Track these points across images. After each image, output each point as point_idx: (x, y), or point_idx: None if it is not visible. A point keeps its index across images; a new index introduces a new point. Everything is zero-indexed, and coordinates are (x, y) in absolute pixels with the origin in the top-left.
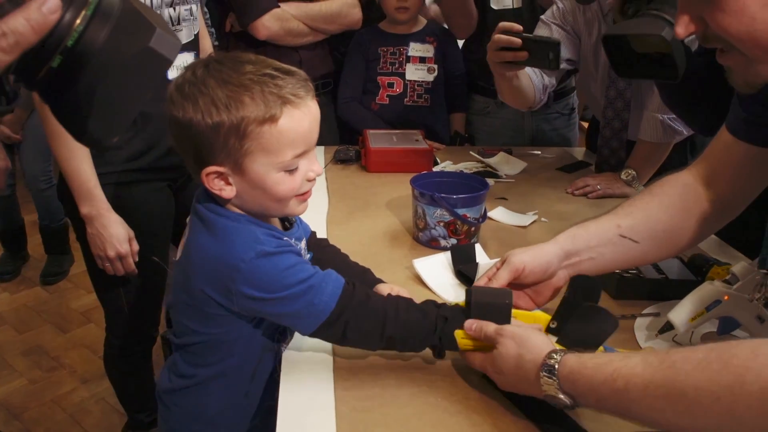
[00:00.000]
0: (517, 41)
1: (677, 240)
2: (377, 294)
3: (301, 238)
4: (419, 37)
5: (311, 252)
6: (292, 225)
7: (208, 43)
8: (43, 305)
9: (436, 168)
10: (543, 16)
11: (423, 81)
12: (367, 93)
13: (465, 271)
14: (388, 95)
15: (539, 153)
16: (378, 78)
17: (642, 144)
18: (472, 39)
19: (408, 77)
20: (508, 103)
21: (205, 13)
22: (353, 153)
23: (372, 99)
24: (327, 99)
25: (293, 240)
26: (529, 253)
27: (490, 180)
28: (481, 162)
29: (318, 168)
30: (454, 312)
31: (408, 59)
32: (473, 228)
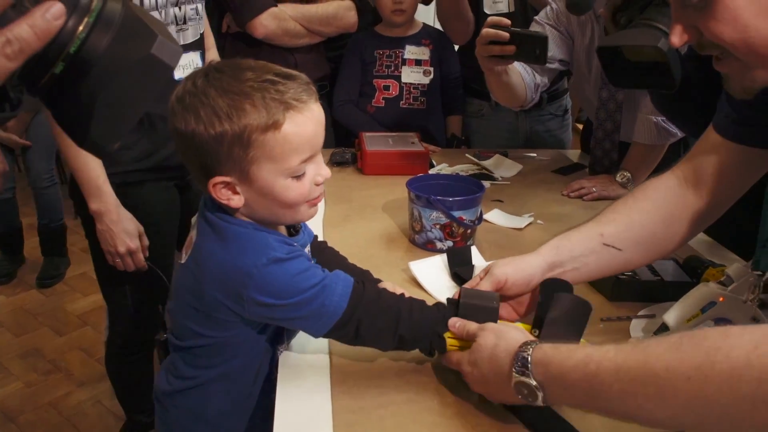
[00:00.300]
0: (505, 35)
1: (662, 244)
2: (388, 292)
3: (306, 244)
4: (415, 40)
5: (314, 257)
6: (298, 232)
7: (211, 41)
8: (40, 308)
9: (431, 170)
10: (537, 17)
11: (419, 84)
12: (364, 96)
13: (461, 274)
14: (384, 98)
15: (535, 155)
16: (374, 81)
17: (636, 146)
18: (466, 43)
19: (404, 80)
20: (499, 101)
21: None
22: (349, 155)
23: (368, 102)
24: (322, 102)
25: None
26: (512, 266)
27: (485, 182)
28: (477, 164)
29: (326, 171)
30: (446, 313)
31: (404, 62)
32: (469, 230)
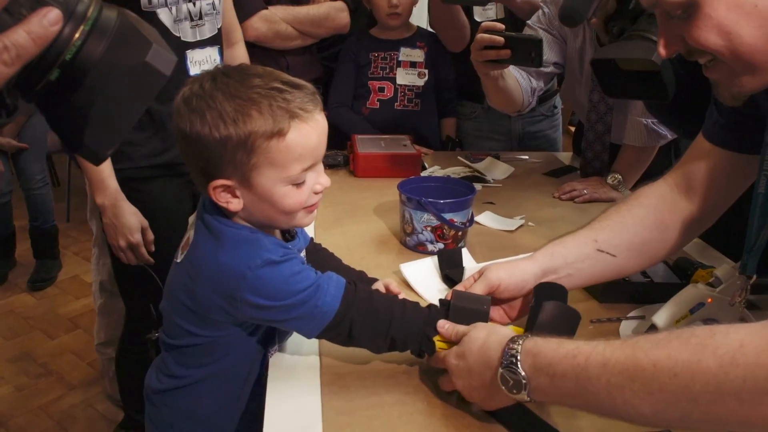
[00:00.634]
0: (500, 39)
1: (655, 251)
2: (380, 293)
3: (302, 248)
4: (410, 43)
5: (309, 259)
6: (293, 237)
7: (237, 35)
8: (31, 311)
9: (424, 173)
10: (529, 20)
11: (414, 85)
12: (358, 97)
13: (452, 276)
14: (378, 99)
15: (527, 158)
16: (369, 82)
17: (627, 148)
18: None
19: (399, 82)
20: (497, 107)
21: None
22: (341, 158)
23: (363, 103)
24: None
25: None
26: (506, 270)
27: (477, 185)
28: (469, 167)
29: (325, 180)
30: (437, 315)
31: (399, 64)
32: (460, 232)
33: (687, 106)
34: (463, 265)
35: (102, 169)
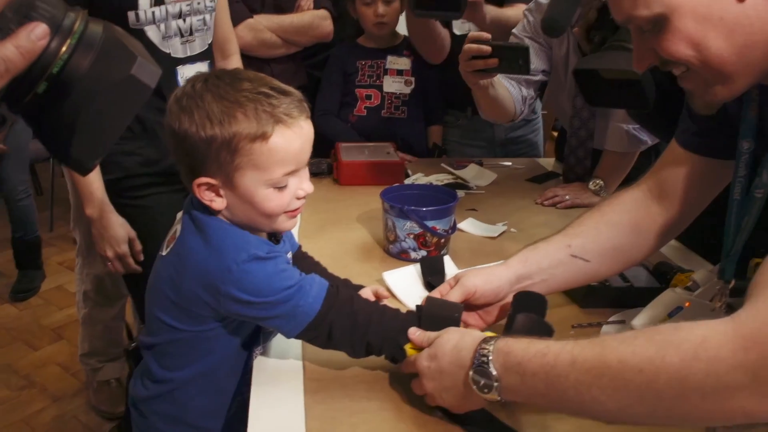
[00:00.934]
0: (487, 49)
1: (629, 255)
2: (362, 298)
3: (289, 251)
4: (397, 51)
5: (295, 265)
6: (278, 241)
7: (233, 47)
8: (13, 322)
9: (407, 180)
10: (515, 29)
11: (400, 93)
12: (345, 105)
13: (435, 283)
14: (365, 107)
15: (510, 164)
16: (356, 90)
17: (608, 154)
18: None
19: (385, 89)
20: (489, 118)
21: None
22: (325, 166)
23: (350, 111)
24: None
25: None
26: (481, 277)
27: (460, 192)
28: (452, 174)
29: (308, 186)
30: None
31: (386, 72)
32: (443, 240)
33: (668, 111)
34: (446, 273)
35: (91, 181)
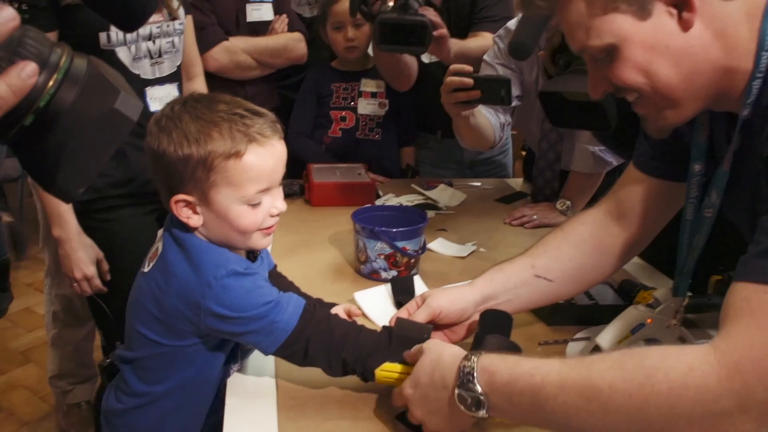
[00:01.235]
0: (469, 81)
1: (590, 275)
2: (338, 317)
3: (266, 270)
4: (370, 74)
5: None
6: (255, 259)
7: (197, 69)
8: None
9: (378, 201)
10: (486, 56)
11: (375, 115)
12: (320, 127)
13: (405, 303)
14: (340, 129)
15: (479, 184)
16: (331, 112)
17: (575, 175)
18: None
19: (360, 111)
20: (470, 147)
21: None
22: (297, 187)
23: (324, 132)
24: None
25: None
26: (447, 297)
27: (430, 212)
28: (423, 195)
29: (282, 204)
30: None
31: (360, 94)
32: (413, 260)
33: (629, 132)
34: (416, 292)
35: (59, 203)
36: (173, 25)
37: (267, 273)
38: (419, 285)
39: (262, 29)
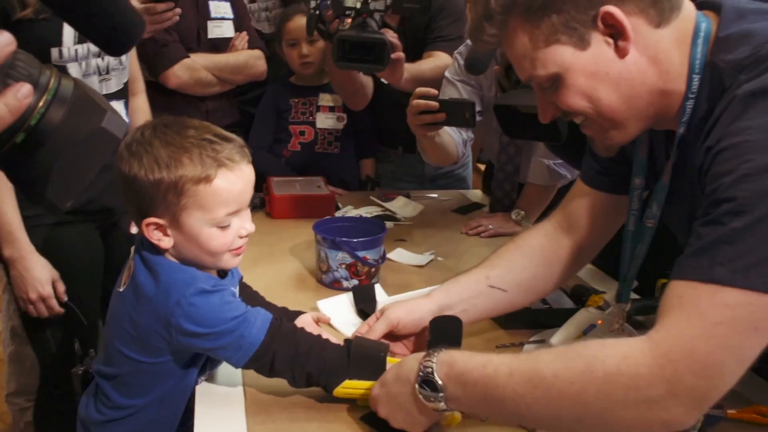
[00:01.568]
0: (435, 104)
1: (542, 284)
2: (304, 330)
3: (235, 284)
4: (328, 89)
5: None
6: (225, 275)
7: (140, 86)
8: None
9: (337, 213)
10: (447, 72)
11: (333, 129)
12: (280, 141)
13: (366, 310)
14: (300, 143)
15: (436, 196)
16: (290, 127)
17: (530, 186)
18: (372, 108)
19: (318, 125)
20: (435, 163)
21: None
22: (258, 200)
23: (284, 146)
24: None
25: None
26: (404, 309)
27: (389, 223)
28: (381, 206)
29: (250, 226)
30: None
31: (318, 109)
32: (373, 269)
33: (580, 144)
34: (377, 300)
35: (10, 221)
36: None
37: (237, 285)
38: (380, 293)
39: (223, 46)
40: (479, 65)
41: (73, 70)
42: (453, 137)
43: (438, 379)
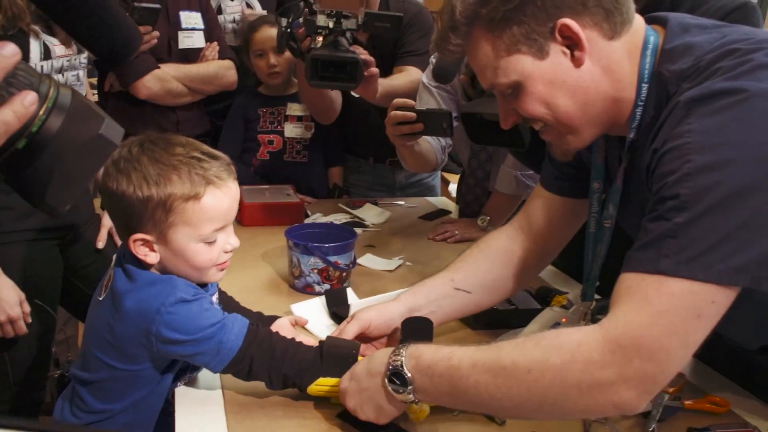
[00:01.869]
0: (412, 115)
1: (506, 286)
2: (279, 335)
3: (214, 293)
4: (296, 98)
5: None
6: (205, 285)
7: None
8: None
9: (307, 220)
10: (423, 78)
11: (301, 138)
12: (249, 150)
13: (339, 312)
14: (268, 152)
15: (403, 203)
16: (259, 136)
17: (497, 194)
18: (341, 119)
19: (287, 134)
20: (415, 170)
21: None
22: None
23: (253, 155)
24: None
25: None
26: (375, 312)
27: (358, 229)
28: (350, 213)
29: (235, 241)
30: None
31: (286, 118)
32: (344, 273)
33: (541, 150)
34: (349, 302)
35: None
36: (79, 59)
37: (216, 292)
38: (351, 296)
39: (193, 56)
40: (447, 74)
41: None
42: (432, 145)
43: (407, 372)
